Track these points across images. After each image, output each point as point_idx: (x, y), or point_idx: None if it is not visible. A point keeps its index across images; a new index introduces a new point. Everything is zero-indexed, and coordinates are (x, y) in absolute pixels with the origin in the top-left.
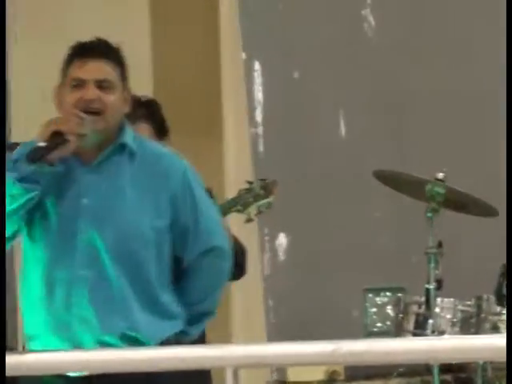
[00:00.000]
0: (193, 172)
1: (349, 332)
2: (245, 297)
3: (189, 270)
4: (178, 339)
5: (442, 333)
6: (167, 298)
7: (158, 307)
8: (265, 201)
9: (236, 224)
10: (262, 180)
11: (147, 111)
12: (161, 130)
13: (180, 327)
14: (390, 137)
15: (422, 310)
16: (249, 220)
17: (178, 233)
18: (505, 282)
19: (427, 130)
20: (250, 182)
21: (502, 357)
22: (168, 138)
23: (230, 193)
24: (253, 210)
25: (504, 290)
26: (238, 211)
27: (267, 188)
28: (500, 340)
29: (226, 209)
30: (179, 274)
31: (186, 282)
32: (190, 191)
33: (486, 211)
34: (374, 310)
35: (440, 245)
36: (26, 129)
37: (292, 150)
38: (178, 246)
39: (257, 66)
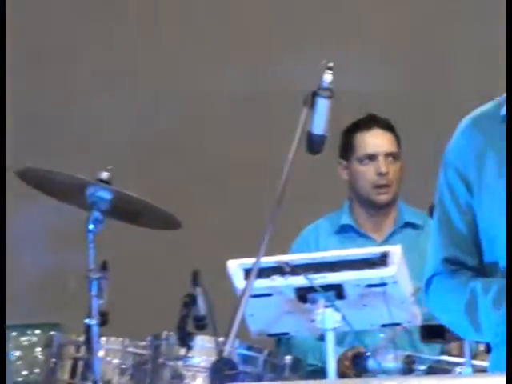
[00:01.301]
0: None
1: None
2: None
3: None
4: None
5: (107, 383)
6: None
7: None
8: None
9: None
10: None
11: None
12: None
13: None
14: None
15: (82, 353)
16: None
17: None
18: (189, 317)
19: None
20: None
21: None
22: None
23: None
24: None
25: (188, 327)
26: None
27: None
28: None
29: None
30: None
31: None
32: None
33: (166, 223)
34: (19, 353)
35: (105, 266)
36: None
37: None
38: None
39: None
